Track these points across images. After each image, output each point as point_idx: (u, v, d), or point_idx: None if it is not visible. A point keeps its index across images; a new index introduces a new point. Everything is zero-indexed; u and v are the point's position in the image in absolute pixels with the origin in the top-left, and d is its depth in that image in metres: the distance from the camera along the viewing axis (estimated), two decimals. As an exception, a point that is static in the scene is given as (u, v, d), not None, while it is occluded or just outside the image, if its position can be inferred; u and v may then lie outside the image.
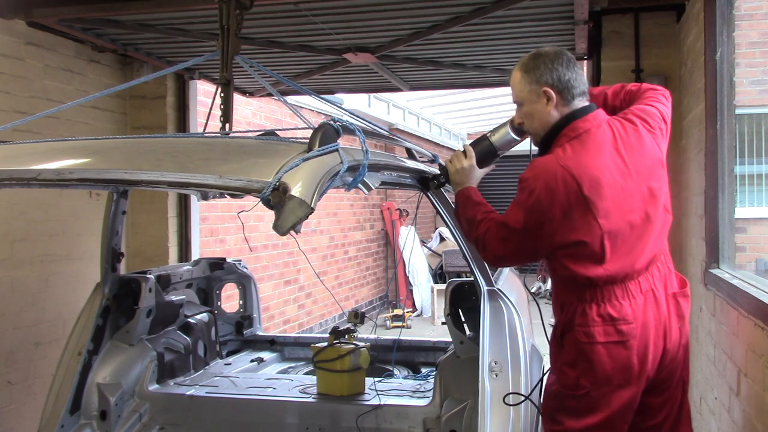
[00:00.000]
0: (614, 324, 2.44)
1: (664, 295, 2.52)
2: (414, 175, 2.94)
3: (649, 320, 2.47)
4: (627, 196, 2.45)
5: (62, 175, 1.99)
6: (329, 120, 2.09)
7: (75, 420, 3.33)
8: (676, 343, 2.53)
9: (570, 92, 2.52)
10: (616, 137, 2.50)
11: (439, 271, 11.51)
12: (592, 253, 2.44)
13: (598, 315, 2.45)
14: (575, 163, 2.41)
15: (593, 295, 2.47)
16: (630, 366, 2.44)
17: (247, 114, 7.26)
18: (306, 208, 1.72)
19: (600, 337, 2.44)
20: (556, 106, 2.53)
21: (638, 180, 2.48)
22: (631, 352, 2.43)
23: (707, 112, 3.50)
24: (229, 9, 2.82)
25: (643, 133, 2.54)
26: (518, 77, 2.60)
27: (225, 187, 1.86)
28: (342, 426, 3.33)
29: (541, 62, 2.55)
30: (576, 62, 2.59)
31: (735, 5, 3.55)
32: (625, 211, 2.45)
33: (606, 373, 2.44)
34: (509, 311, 2.94)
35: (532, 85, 2.55)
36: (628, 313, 2.45)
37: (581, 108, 2.53)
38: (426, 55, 4.88)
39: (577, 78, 2.55)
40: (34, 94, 4.24)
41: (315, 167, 1.87)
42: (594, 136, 2.48)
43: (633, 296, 2.47)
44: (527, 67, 2.58)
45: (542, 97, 2.53)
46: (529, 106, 2.58)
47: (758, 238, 8.71)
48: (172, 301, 3.86)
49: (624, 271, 2.46)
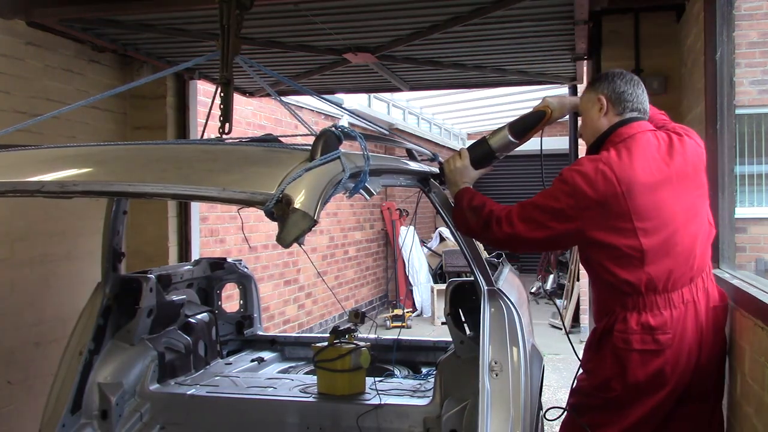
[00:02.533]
0: (652, 333, 2.51)
1: (704, 308, 2.58)
2: (414, 175, 2.95)
3: (688, 331, 2.53)
4: (668, 201, 2.53)
5: (66, 188, 1.99)
6: (331, 127, 2.09)
7: (76, 419, 3.34)
8: (712, 356, 2.59)
9: (622, 104, 2.66)
10: (660, 144, 2.59)
11: (439, 271, 11.51)
12: (629, 253, 2.50)
13: (638, 323, 2.53)
14: (617, 162, 2.51)
15: (635, 304, 2.55)
16: (662, 374, 2.51)
17: (247, 114, 7.26)
18: (309, 221, 1.73)
19: (637, 344, 2.52)
20: (606, 114, 2.67)
21: (681, 188, 2.56)
22: (664, 361, 2.51)
23: (707, 112, 3.50)
24: (230, 9, 2.82)
25: (688, 144, 2.63)
26: (585, 90, 2.78)
27: (228, 200, 1.87)
28: (342, 425, 3.33)
29: (605, 77, 2.73)
30: (641, 84, 2.72)
31: (735, 5, 3.55)
32: (665, 215, 2.52)
33: (637, 379, 2.52)
34: (509, 311, 2.94)
35: (590, 94, 2.73)
36: (667, 323, 2.52)
37: (628, 117, 2.65)
38: (426, 55, 4.88)
39: (634, 94, 2.67)
40: (34, 94, 4.24)
41: (317, 177, 1.87)
42: (638, 141, 2.58)
43: (675, 306, 2.54)
44: (593, 80, 2.78)
45: (596, 105, 2.69)
46: (585, 115, 2.75)
47: (758, 238, 8.71)
48: (173, 300, 3.87)
49: (665, 276, 2.52)
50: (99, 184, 2.08)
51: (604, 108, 2.67)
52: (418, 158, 3.33)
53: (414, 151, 3.33)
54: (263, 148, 2.23)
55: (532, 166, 16.90)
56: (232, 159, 2.17)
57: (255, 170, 2.02)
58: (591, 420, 2.63)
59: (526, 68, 5.24)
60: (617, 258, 2.53)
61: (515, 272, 4.13)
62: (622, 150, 2.56)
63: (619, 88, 2.66)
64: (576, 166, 2.57)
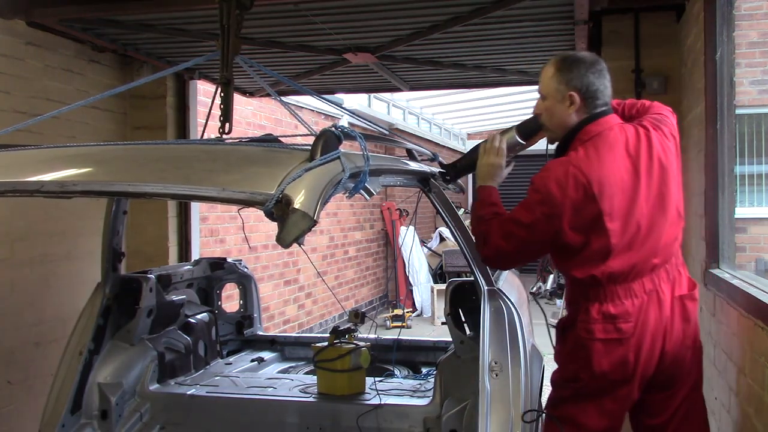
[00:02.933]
0: (613, 322, 2.53)
1: (669, 297, 2.58)
2: (414, 175, 2.95)
3: (650, 320, 2.54)
4: (635, 197, 2.53)
5: (66, 188, 1.99)
6: (330, 127, 2.09)
7: (76, 419, 3.34)
8: (678, 345, 2.59)
9: (594, 102, 2.61)
10: (627, 140, 2.58)
11: (439, 271, 11.51)
12: (597, 251, 2.51)
13: (599, 313, 2.55)
14: (587, 163, 2.50)
15: (597, 294, 2.56)
16: (626, 363, 2.53)
17: (247, 114, 7.26)
18: (309, 221, 1.73)
19: (599, 333, 2.53)
20: (577, 110, 2.61)
21: (648, 182, 2.55)
22: (627, 350, 2.52)
23: (707, 112, 3.51)
24: (229, 9, 2.82)
25: (656, 137, 2.61)
26: (550, 73, 2.65)
27: (228, 200, 1.87)
28: (342, 425, 3.33)
29: (575, 66, 2.61)
30: (607, 71, 2.66)
31: (735, 5, 3.55)
32: (632, 212, 2.52)
33: (602, 368, 2.53)
34: (509, 311, 2.94)
35: (560, 85, 2.62)
36: (628, 311, 2.53)
37: (596, 113, 2.61)
38: (426, 55, 4.88)
39: (604, 89, 2.63)
40: (34, 94, 4.24)
41: (317, 177, 1.87)
42: (606, 138, 2.56)
43: (635, 296, 2.54)
44: (562, 66, 2.63)
45: (566, 100, 2.61)
46: (552, 103, 2.65)
47: (758, 238, 8.72)
48: (173, 300, 3.87)
49: (628, 269, 2.53)
50: (98, 183, 2.08)
51: (576, 104, 2.60)
52: (418, 158, 3.33)
53: (414, 151, 3.33)
54: (263, 148, 2.23)
55: (532, 165, 16.88)
56: (231, 159, 2.17)
57: (255, 170, 2.02)
58: (563, 412, 2.63)
59: (526, 68, 5.24)
60: (586, 256, 2.54)
61: (515, 272, 4.13)
62: (590, 149, 2.54)
63: (593, 86, 2.59)
64: (545, 172, 2.55)
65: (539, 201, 2.52)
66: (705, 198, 3.57)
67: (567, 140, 2.65)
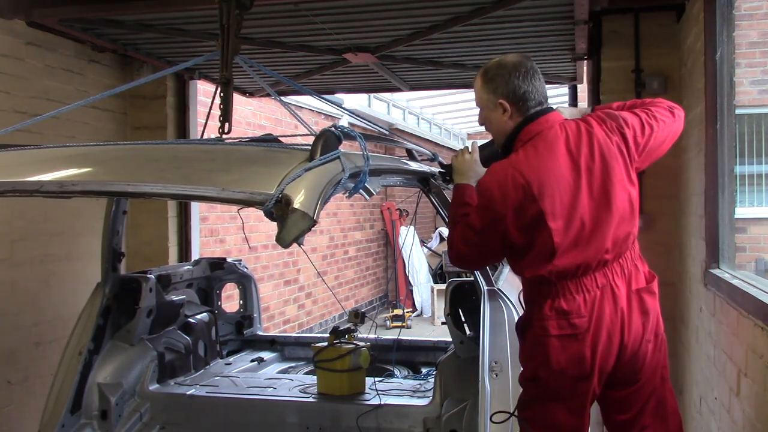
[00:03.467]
0: (567, 318, 2.53)
1: (624, 291, 2.58)
2: (414, 175, 2.95)
3: (604, 315, 2.54)
4: (578, 194, 2.52)
5: (65, 188, 1.98)
6: (330, 127, 2.09)
7: (76, 419, 3.34)
8: (637, 339, 2.58)
9: (525, 104, 2.62)
10: (568, 137, 2.58)
11: (439, 271, 11.51)
12: (543, 251, 2.53)
13: (551, 309, 2.55)
14: (526, 164, 2.52)
15: (548, 291, 2.57)
16: (583, 358, 2.53)
17: (247, 114, 7.26)
18: (309, 221, 1.73)
19: (554, 330, 2.54)
20: (511, 116, 2.63)
21: (589, 179, 2.54)
22: (583, 345, 2.52)
23: (707, 112, 3.50)
24: (229, 9, 2.82)
25: (598, 133, 2.59)
26: (479, 84, 2.69)
27: (228, 200, 1.86)
28: (342, 426, 3.33)
29: (498, 74, 2.63)
30: (537, 72, 2.65)
31: (735, 5, 3.55)
32: (575, 209, 2.52)
33: (560, 365, 2.53)
34: (509, 311, 2.94)
35: (489, 95, 2.66)
36: (580, 307, 2.53)
37: (533, 113, 2.62)
38: (426, 55, 4.88)
39: (534, 90, 2.62)
40: (34, 94, 4.24)
41: (317, 177, 1.87)
42: (545, 138, 2.58)
43: (587, 290, 2.55)
44: (487, 77, 2.67)
45: (498, 108, 2.64)
46: (487, 113, 2.70)
47: (758, 238, 8.71)
48: (173, 300, 3.87)
49: (574, 267, 2.53)
50: (97, 183, 2.08)
51: (509, 111, 2.62)
52: (417, 158, 3.33)
53: (414, 151, 3.33)
54: (263, 148, 2.23)
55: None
56: (231, 159, 2.16)
57: (254, 170, 2.01)
58: (530, 413, 2.63)
59: (526, 68, 5.23)
60: (533, 256, 2.55)
61: (515, 272, 4.13)
62: (529, 150, 2.56)
63: (520, 89, 2.60)
64: (488, 175, 2.59)
65: (485, 206, 2.56)
66: (705, 198, 3.56)
67: (508, 143, 2.67)
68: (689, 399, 4.07)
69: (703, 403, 3.66)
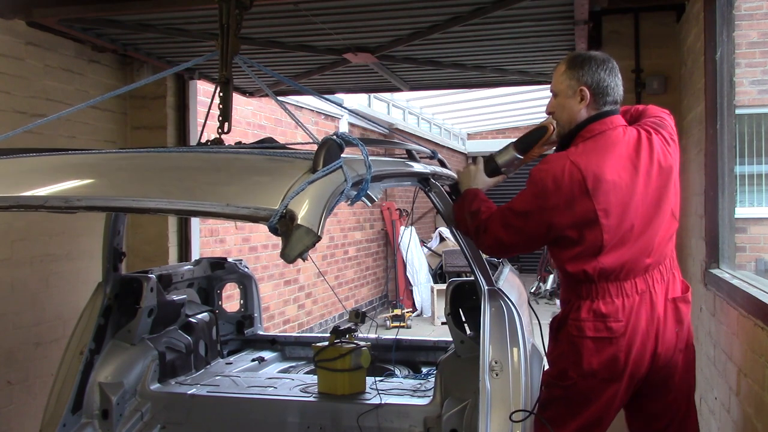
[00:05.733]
0: (604, 320, 2.55)
1: (662, 299, 2.59)
2: (415, 176, 2.96)
3: (640, 321, 2.55)
4: (632, 196, 2.55)
5: (69, 203, 1.98)
6: (332, 135, 2.08)
7: (77, 419, 3.34)
8: (671, 347, 2.60)
9: (603, 98, 2.66)
10: (629, 141, 2.62)
11: (439, 271, 11.51)
12: (590, 246, 2.54)
13: (590, 311, 2.57)
14: (584, 159, 2.54)
15: (589, 292, 2.58)
16: (616, 362, 2.54)
17: (247, 114, 7.26)
18: (313, 237, 1.73)
19: (590, 332, 2.55)
20: (587, 106, 2.66)
21: (646, 183, 2.58)
22: (618, 349, 2.53)
23: (707, 112, 3.51)
24: (229, 8, 2.83)
25: (656, 140, 2.64)
26: (562, 70, 2.72)
27: (232, 216, 1.86)
28: (343, 425, 3.33)
29: (587, 63, 2.67)
30: (618, 72, 2.70)
31: (735, 5, 3.55)
32: (627, 211, 2.55)
33: (592, 366, 2.55)
34: (509, 311, 2.94)
35: (571, 81, 2.67)
36: (618, 311, 2.55)
37: (603, 112, 2.66)
38: (426, 55, 4.89)
39: (614, 87, 2.67)
40: (34, 94, 4.24)
41: (320, 190, 1.87)
42: (607, 138, 2.61)
43: (627, 295, 2.56)
44: (573, 64, 2.69)
45: (577, 95, 2.66)
46: (563, 99, 2.70)
47: (758, 238, 8.71)
48: (174, 300, 3.87)
49: (619, 267, 2.55)
50: (102, 199, 2.07)
51: (586, 100, 2.65)
52: (417, 158, 3.34)
53: (413, 151, 3.33)
54: (265, 157, 2.22)
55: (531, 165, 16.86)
56: (233, 169, 2.16)
57: (257, 181, 2.01)
58: (554, 413, 2.64)
59: (526, 68, 5.25)
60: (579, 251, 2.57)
61: (515, 272, 4.13)
62: (589, 145, 2.59)
63: (604, 82, 2.64)
64: (544, 164, 2.60)
65: (535, 194, 2.57)
66: (705, 198, 3.57)
67: (570, 135, 2.69)
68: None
69: (703, 403, 3.67)
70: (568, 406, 2.61)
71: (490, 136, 17.16)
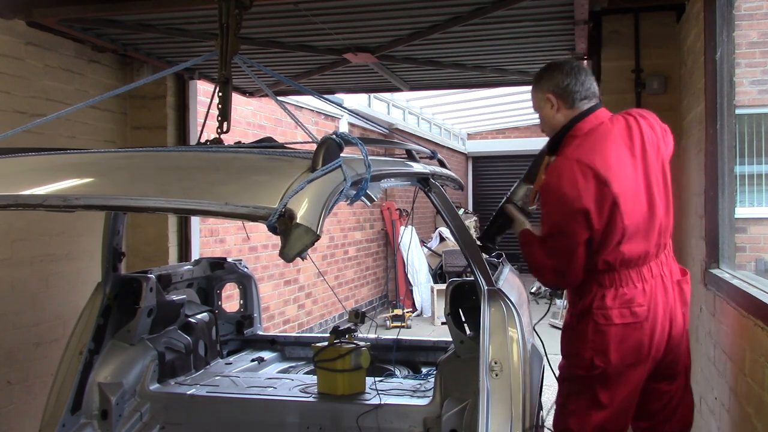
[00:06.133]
0: (629, 306, 2.67)
1: (670, 281, 2.75)
2: (415, 176, 2.96)
3: (659, 303, 2.69)
4: (636, 180, 2.68)
5: (68, 201, 1.98)
6: (332, 134, 2.08)
7: (76, 419, 3.34)
8: (680, 328, 2.76)
9: (571, 97, 2.78)
10: (620, 128, 2.74)
11: (439, 271, 11.51)
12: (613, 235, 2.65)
13: (615, 298, 2.68)
14: (587, 153, 2.65)
15: (612, 280, 2.70)
16: (641, 346, 2.66)
17: (246, 114, 7.26)
18: (312, 236, 1.73)
19: (617, 319, 2.67)
20: (559, 110, 2.80)
21: (644, 166, 2.70)
22: (642, 333, 2.66)
23: (707, 112, 3.50)
24: (229, 8, 2.82)
25: (643, 124, 2.76)
26: (532, 88, 2.92)
27: (231, 214, 1.86)
28: (342, 425, 3.33)
29: (544, 73, 2.87)
30: (582, 69, 2.82)
31: (735, 5, 3.55)
32: (636, 195, 2.67)
33: (620, 353, 2.66)
34: (509, 311, 2.94)
35: (538, 93, 2.88)
36: (641, 296, 2.68)
37: (584, 110, 2.77)
38: (426, 55, 4.88)
39: (578, 83, 2.78)
40: (34, 94, 4.24)
41: (320, 189, 1.87)
42: (599, 132, 2.72)
43: (646, 280, 2.70)
44: (536, 79, 2.91)
45: (547, 103, 2.82)
46: (540, 112, 2.89)
47: (758, 238, 8.71)
48: (173, 300, 3.86)
49: (639, 253, 2.68)
50: (101, 198, 2.08)
51: (555, 105, 2.79)
52: (417, 158, 3.34)
53: (413, 151, 3.34)
54: (264, 156, 2.22)
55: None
56: (232, 168, 2.16)
57: (256, 180, 2.01)
58: (578, 405, 2.72)
59: (526, 68, 5.24)
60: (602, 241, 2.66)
61: (515, 272, 4.13)
62: (585, 142, 2.69)
63: (562, 83, 2.77)
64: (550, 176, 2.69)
65: (556, 204, 2.65)
66: (705, 198, 3.56)
67: (558, 138, 2.80)
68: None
69: (703, 403, 3.67)
70: (595, 395, 2.69)
71: (490, 136, 17.17)
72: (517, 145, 16.64)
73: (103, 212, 3.51)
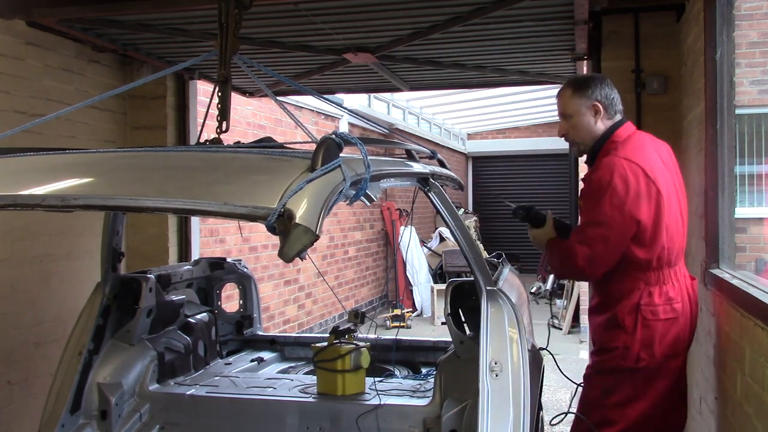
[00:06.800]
0: (670, 303, 2.92)
1: (690, 282, 3.03)
2: (415, 176, 2.95)
3: (687, 300, 2.96)
4: (671, 186, 2.94)
5: (67, 201, 1.98)
6: (331, 134, 2.07)
7: (75, 419, 3.33)
8: (696, 325, 3.04)
9: (613, 108, 3.04)
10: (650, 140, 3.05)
11: (439, 271, 11.51)
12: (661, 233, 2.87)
13: (661, 295, 2.91)
14: (633, 156, 2.88)
15: (657, 278, 2.92)
16: (680, 340, 2.95)
17: (246, 114, 7.26)
18: (311, 236, 1.73)
19: (663, 314, 2.91)
20: (602, 119, 3.02)
21: (672, 174, 2.99)
22: (681, 328, 2.94)
23: (707, 112, 3.50)
24: (228, 7, 2.82)
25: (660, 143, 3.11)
26: (569, 94, 3.05)
27: (230, 214, 1.85)
28: (342, 426, 3.33)
29: (592, 82, 3.05)
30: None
31: (735, 5, 3.54)
32: (671, 197, 2.92)
33: (662, 346, 2.90)
34: (509, 311, 2.94)
35: (582, 100, 3.02)
36: (677, 293, 2.94)
37: (620, 121, 3.05)
38: (426, 55, 4.88)
39: (617, 97, 3.07)
40: (34, 94, 4.24)
41: (319, 189, 1.86)
42: (637, 139, 3.01)
43: (679, 280, 2.97)
44: (579, 86, 3.06)
45: (591, 111, 3.01)
46: (578, 119, 3.04)
47: (758, 238, 8.72)
48: (173, 300, 3.86)
49: (677, 253, 2.95)
50: (99, 197, 2.07)
51: (601, 113, 3.00)
52: (417, 158, 3.33)
53: (413, 151, 3.33)
54: (264, 156, 2.22)
55: (532, 166, 16.91)
56: (231, 168, 2.15)
57: (255, 180, 2.00)
58: (620, 397, 2.92)
59: (526, 68, 5.24)
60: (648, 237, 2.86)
61: (515, 272, 4.12)
62: (629, 146, 2.92)
63: (610, 94, 3.02)
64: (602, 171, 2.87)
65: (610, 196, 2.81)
66: (705, 198, 3.56)
67: (599, 146, 3.01)
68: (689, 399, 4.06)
69: (703, 403, 3.66)
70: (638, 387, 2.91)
71: (490, 136, 17.17)
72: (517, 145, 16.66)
73: (103, 212, 3.51)
